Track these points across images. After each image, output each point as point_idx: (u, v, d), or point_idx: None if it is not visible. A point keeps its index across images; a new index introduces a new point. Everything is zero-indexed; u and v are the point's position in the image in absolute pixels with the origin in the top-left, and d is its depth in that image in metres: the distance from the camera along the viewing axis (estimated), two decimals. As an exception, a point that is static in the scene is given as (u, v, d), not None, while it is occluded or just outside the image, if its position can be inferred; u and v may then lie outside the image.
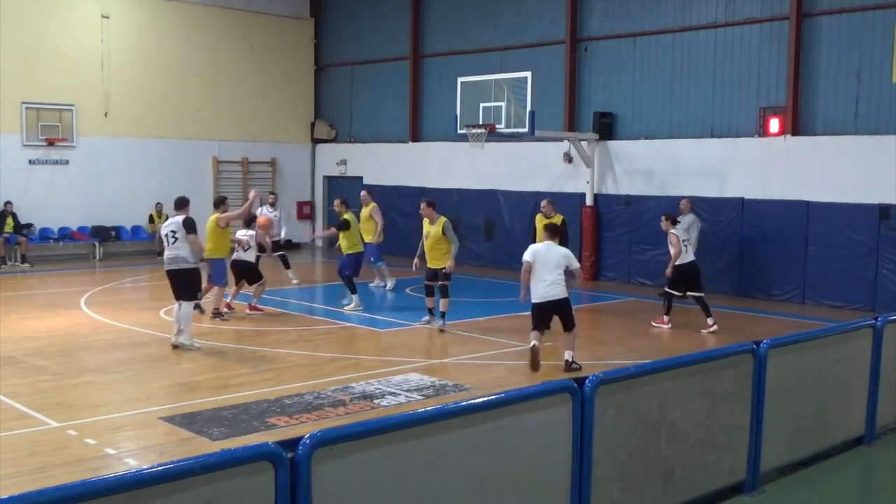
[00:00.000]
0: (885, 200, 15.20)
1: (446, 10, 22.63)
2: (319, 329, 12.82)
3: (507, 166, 20.80)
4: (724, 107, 17.57)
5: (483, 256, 21.35)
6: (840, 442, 7.37)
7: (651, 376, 5.57)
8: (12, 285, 17.28)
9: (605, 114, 19.19)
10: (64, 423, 8.09)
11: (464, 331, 12.98)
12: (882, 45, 15.24)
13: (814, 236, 16.05)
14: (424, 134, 23.27)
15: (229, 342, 11.96)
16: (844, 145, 15.83)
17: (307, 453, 3.72)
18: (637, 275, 18.53)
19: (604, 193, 19.23)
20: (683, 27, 18.11)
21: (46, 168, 21.31)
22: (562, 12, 19.98)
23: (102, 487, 3.18)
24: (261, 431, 7.83)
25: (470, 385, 9.72)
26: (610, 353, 11.80)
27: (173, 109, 23.18)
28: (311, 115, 26.10)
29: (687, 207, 16.47)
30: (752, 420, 6.28)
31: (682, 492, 5.78)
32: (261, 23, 24.75)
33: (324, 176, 25.99)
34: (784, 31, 16.65)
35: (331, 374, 10.11)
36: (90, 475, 4.87)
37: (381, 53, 24.20)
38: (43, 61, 21.02)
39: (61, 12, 21.36)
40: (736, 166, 17.20)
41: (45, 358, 10.79)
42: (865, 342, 7.48)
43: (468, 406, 4.58)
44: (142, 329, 12.67)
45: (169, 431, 7.90)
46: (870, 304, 15.23)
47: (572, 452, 4.96)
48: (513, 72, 18.13)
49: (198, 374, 10.28)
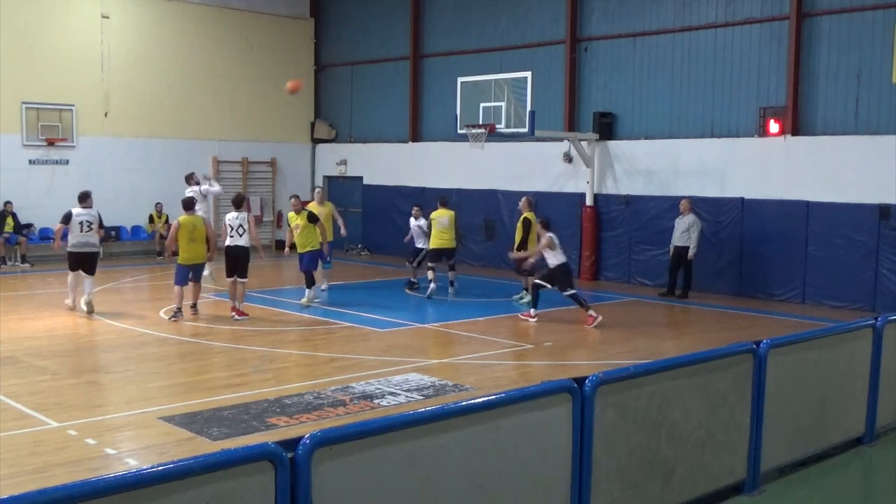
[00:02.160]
0: (885, 200, 15.20)
1: (446, 10, 22.63)
2: (319, 329, 12.82)
3: (507, 166, 20.80)
4: (724, 107, 17.57)
5: (483, 256, 21.35)
6: (840, 442, 7.37)
7: (651, 376, 5.57)
8: (12, 285, 17.28)
9: (605, 114, 19.19)
10: (64, 423, 8.09)
11: (464, 331, 12.99)
12: (882, 45, 15.25)
13: (814, 236, 16.05)
14: (424, 134, 23.27)
15: (229, 342, 11.96)
16: (844, 145, 15.83)
17: (307, 453, 3.71)
18: (637, 275, 18.53)
19: (604, 193, 19.23)
20: (683, 27, 18.11)
21: (46, 168, 21.31)
22: (562, 12, 19.98)
23: (102, 487, 3.17)
24: (261, 431, 7.83)
25: (470, 385, 9.72)
26: (610, 353, 11.80)
27: (173, 109, 23.18)
28: (311, 115, 26.10)
29: (687, 208, 16.61)
30: (752, 420, 6.28)
31: (682, 492, 5.78)
32: (261, 23, 24.75)
33: (324, 176, 25.99)
34: (784, 31, 16.65)
35: (331, 374, 10.12)
36: (90, 475, 4.87)
37: (381, 53, 24.20)
38: (43, 61, 21.02)
39: (61, 12, 21.37)
40: (736, 166, 17.20)
41: (45, 358, 10.79)
42: (865, 342, 7.48)
43: (468, 406, 4.57)
44: (142, 329, 12.67)
45: (169, 431, 7.90)
46: (870, 304, 15.23)
47: (572, 452, 4.96)
48: (513, 72, 18.13)
49: (198, 374, 10.28)
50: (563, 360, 11.31)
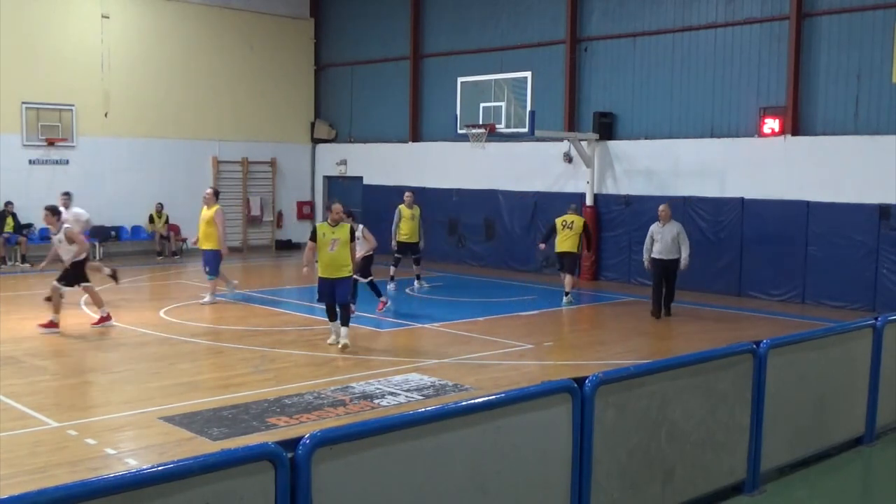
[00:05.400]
0: (885, 200, 15.20)
1: (446, 10, 22.63)
2: (319, 329, 12.82)
3: (507, 166, 20.80)
4: (724, 107, 17.57)
5: (483, 256, 21.36)
6: (840, 442, 7.37)
7: (651, 376, 5.57)
8: (12, 285, 17.27)
9: (605, 114, 19.19)
10: (64, 423, 8.09)
11: (464, 331, 12.99)
12: (882, 45, 15.24)
13: (814, 236, 16.05)
14: (424, 134, 23.26)
15: (229, 342, 11.96)
16: (844, 145, 15.83)
17: (307, 453, 3.71)
18: (637, 275, 18.51)
19: (604, 193, 19.23)
20: (683, 27, 18.11)
21: (46, 168, 21.31)
22: (562, 12, 19.98)
23: (102, 487, 3.17)
24: (261, 431, 7.83)
25: (470, 385, 9.72)
26: (610, 353, 11.79)
27: (173, 109, 23.18)
28: (311, 115, 26.10)
29: (668, 215, 14.30)
30: (752, 420, 6.28)
31: (682, 492, 5.78)
32: (261, 23, 24.75)
33: (324, 176, 25.99)
34: (784, 31, 16.64)
35: (331, 374, 10.12)
36: (90, 475, 4.87)
37: (381, 53, 24.20)
38: (43, 61, 21.02)
39: (61, 12, 21.37)
40: (736, 166, 17.20)
41: (45, 358, 10.79)
42: (865, 342, 7.48)
43: (468, 406, 4.57)
44: (142, 329, 12.67)
45: (169, 431, 7.90)
46: (870, 304, 15.23)
47: (572, 452, 4.96)
48: (513, 72, 18.13)
49: (198, 374, 10.28)
50: (563, 360, 11.31)
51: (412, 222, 17.11)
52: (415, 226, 17.14)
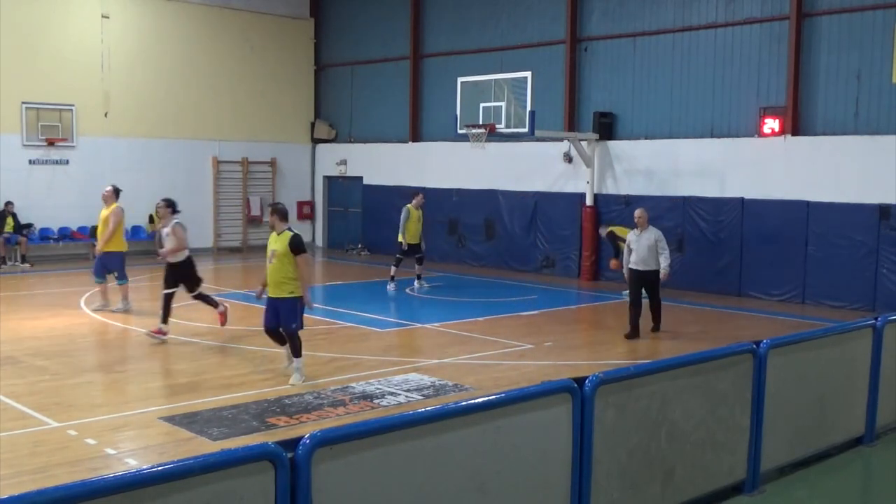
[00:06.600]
0: (885, 200, 15.20)
1: (446, 10, 22.63)
2: (319, 329, 12.83)
3: (507, 166, 20.80)
4: (724, 107, 17.57)
5: (483, 256, 21.36)
6: (840, 442, 7.37)
7: (651, 376, 5.57)
8: (12, 285, 17.27)
9: (605, 114, 19.19)
10: (64, 423, 8.09)
11: (464, 331, 12.99)
12: (882, 45, 15.24)
13: (814, 236, 16.05)
14: (424, 134, 23.26)
15: (229, 342, 11.96)
16: (844, 145, 15.83)
17: (307, 453, 3.72)
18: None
19: (604, 193, 19.23)
20: (683, 27, 18.11)
21: (46, 168, 21.31)
22: (562, 12, 19.98)
23: (102, 487, 3.18)
24: (261, 431, 7.83)
25: (470, 385, 9.72)
26: (610, 353, 11.80)
27: (173, 109, 23.18)
28: (311, 115, 26.10)
29: (646, 220, 12.68)
30: (752, 420, 6.28)
31: (682, 492, 5.78)
32: (261, 23, 24.75)
33: (324, 176, 25.99)
34: (784, 31, 16.64)
35: (331, 374, 10.12)
36: (90, 475, 4.87)
37: (381, 53, 24.20)
38: (43, 61, 21.02)
39: (61, 12, 21.36)
40: (736, 166, 17.20)
41: (45, 358, 10.79)
42: (865, 342, 7.48)
43: (468, 406, 4.58)
44: (142, 329, 12.66)
45: (169, 431, 7.90)
46: (870, 304, 15.23)
47: (572, 452, 4.96)
48: (513, 72, 18.13)
49: (198, 374, 10.27)
50: (563, 360, 11.31)
51: (419, 224, 17.12)
52: (420, 227, 17.15)
